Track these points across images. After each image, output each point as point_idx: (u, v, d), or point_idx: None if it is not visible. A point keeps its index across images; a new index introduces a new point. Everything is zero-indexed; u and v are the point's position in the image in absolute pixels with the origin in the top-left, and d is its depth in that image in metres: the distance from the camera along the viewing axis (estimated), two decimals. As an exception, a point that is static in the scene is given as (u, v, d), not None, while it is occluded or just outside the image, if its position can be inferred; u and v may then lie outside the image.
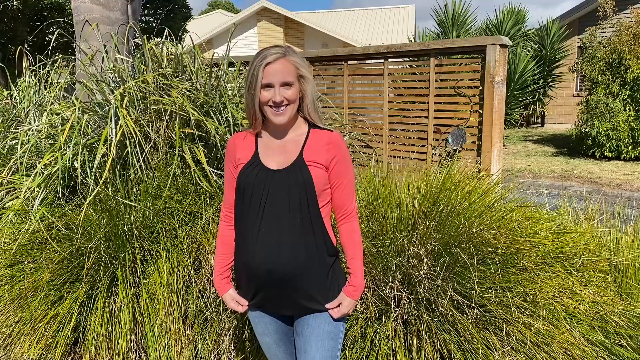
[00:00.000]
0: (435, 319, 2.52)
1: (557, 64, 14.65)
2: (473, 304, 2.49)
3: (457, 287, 2.54)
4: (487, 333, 2.43)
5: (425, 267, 2.55)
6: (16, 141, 3.56)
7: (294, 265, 1.83)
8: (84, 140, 3.19)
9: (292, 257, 1.83)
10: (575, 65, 11.95)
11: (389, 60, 5.37)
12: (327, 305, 1.90)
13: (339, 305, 1.92)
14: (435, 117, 5.03)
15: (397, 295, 2.60)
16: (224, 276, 2.03)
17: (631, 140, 9.65)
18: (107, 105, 3.44)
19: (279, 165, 1.85)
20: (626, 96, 9.62)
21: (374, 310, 2.63)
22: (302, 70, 1.81)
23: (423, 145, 5.16)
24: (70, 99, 3.82)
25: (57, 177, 3.08)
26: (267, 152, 1.89)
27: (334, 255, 1.93)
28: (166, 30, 4.30)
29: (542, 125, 16.71)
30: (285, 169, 1.84)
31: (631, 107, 9.60)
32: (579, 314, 2.50)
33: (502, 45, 4.50)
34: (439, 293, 2.53)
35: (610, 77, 9.88)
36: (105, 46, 3.99)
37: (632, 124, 9.56)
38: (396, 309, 2.59)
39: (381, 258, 2.69)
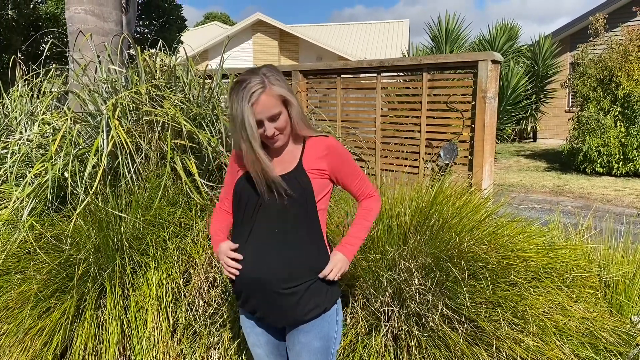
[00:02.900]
0: (425, 334, 2.51)
1: (549, 79, 14.79)
2: (463, 319, 2.48)
3: (448, 302, 2.53)
4: (477, 349, 2.42)
5: (416, 282, 2.54)
6: (6, 150, 3.54)
7: (281, 275, 1.83)
8: (75, 151, 3.18)
9: (280, 266, 1.83)
10: (567, 82, 12.07)
11: (382, 74, 5.40)
12: (320, 274, 1.88)
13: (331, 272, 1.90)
14: (427, 132, 5.06)
15: (388, 309, 2.59)
16: (219, 234, 2.02)
17: (622, 157, 9.72)
18: (99, 116, 3.43)
19: (277, 173, 1.86)
20: (617, 113, 9.71)
21: (364, 325, 2.62)
22: (285, 95, 1.80)
23: (415, 159, 5.18)
24: (63, 109, 3.80)
25: (47, 187, 3.06)
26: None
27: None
28: (160, 42, 4.31)
29: (534, 141, 16.82)
30: (283, 176, 1.85)
31: (622, 124, 9.68)
32: (569, 330, 2.50)
33: (494, 61, 4.54)
34: (430, 308, 2.52)
35: (601, 93, 9.98)
36: (98, 57, 3.98)
37: (622, 140, 9.64)
38: (386, 323, 2.58)
39: (372, 272, 2.68)
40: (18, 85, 4.36)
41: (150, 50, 4.39)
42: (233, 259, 1.89)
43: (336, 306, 1.96)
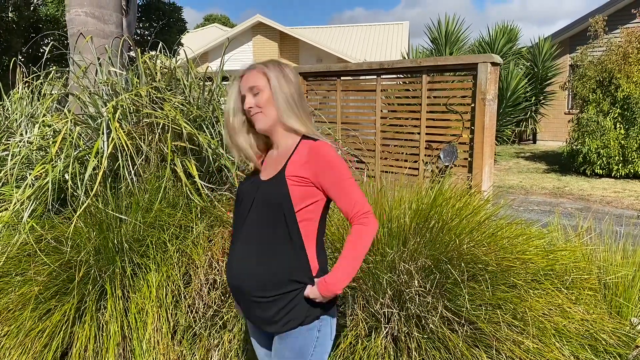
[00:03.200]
0: (425, 336, 2.52)
1: (549, 81, 14.80)
2: (463, 321, 2.48)
3: (448, 304, 2.53)
4: (476, 350, 2.43)
5: (415, 284, 2.55)
6: (7, 152, 3.54)
7: (257, 284, 1.78)
8: (75, 153, 3.18)
9: (257, 274, 1.78)
10: (567, 84, 12.08)
11: (382, 76, 5.41)
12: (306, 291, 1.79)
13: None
14: (427, 134, 5.06)
15: (388, 311, 2.59)
16: None
17: (621, 158, 9.73)
18: (100, 118, 3.44)
19: (266, 177, 1.83)
20: (616, 114, 9.72)
21: (364, 327, 2.62)
22: (270, 73, 1.81)
23: (415, 161, 5.18)
24: (63, 111, 3.81)
25: (48, 189, 3.07)
26: (267, 163, 1.90)
27: (311, 277, 1.81)
28: (160, 44, 4.32)
29: (534, 142, 16.83)
30: (267, 181, 1.81)
31: (621, 126, 9.69)
32: (568, 331, 2.50)
33: (494, 64, 4.54)
34: (430, 310, 2.52)
35: (600, 95, 9.99)
36: (99, 59, 3.99)
37: (622, 142, 9.65)
38: (386, 325, 2.58)
39: (372, 274, 2.68)
40: (18, 88, 4.37)
41: (151, 52, 4.40)
42: None
43: (318, 322, 1.82)
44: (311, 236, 1.81)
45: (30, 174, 3.18)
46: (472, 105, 4.68)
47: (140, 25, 12.60)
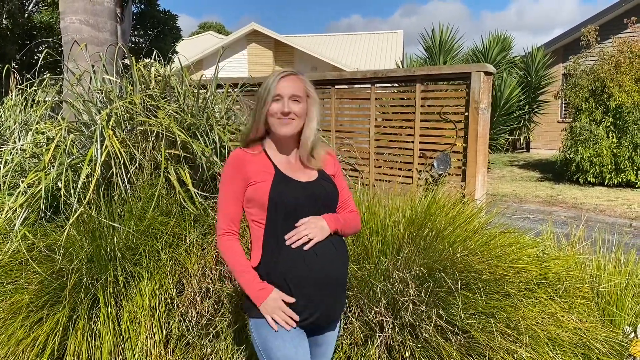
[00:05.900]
0: (419, 345, 2.51)
1: (542, 90, 14.90)
2: (457, 330, 2.48)
3: (442, 312, 2.53)
4: (470, 359, 2.42)
5: (410, 292, 2.54)
6: None
7: (345, 268, 1.98)
8: (68, 160, 3.17)
9: (342, 260, 1.96)
10: (560, 92, 12.15)
11: (376, 85, 5.42)
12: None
13: None
14: (420, 142, 5.07)
15: (382, 320, 2.59)
16: (262, 283, 1.87)
17: (614, 167, 9.79)
18: (93, 126, 3.43)
19: (307, 178, 1.94)
20: (609, 123, 9.79)
21: (360, 336, 2.61)
22: (310, 91, 1.97)
23: (409, 170, 5.19)
24: (57, 118, 3.80)
25: (40, 197, 3.05)
26: (288, 166, 1.95)
27: None
28: (155, 52, 4.32)
29: (528, 151, 16.92)
30: (314, 181, 1.95)
31: (614, 134, 9.76)
32: (561, 340, 2.50)
33: (487, 73, 4.57)
34: (423, 318, 2.52)
35: (593, 104, 10.06)
36: (93, 66, 3.99)
37: (614, 150, 9.71)
38: (380, 334, 2.58)
39: (366, 282, 2.68)
40: (12, 95, 4.35)
41: (145, 60, 4.40)
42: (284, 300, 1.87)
43: None
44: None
45: (23, 181, 3.17)
46: (466, 114, 4.70)
47: (135, 33, 12.60)
